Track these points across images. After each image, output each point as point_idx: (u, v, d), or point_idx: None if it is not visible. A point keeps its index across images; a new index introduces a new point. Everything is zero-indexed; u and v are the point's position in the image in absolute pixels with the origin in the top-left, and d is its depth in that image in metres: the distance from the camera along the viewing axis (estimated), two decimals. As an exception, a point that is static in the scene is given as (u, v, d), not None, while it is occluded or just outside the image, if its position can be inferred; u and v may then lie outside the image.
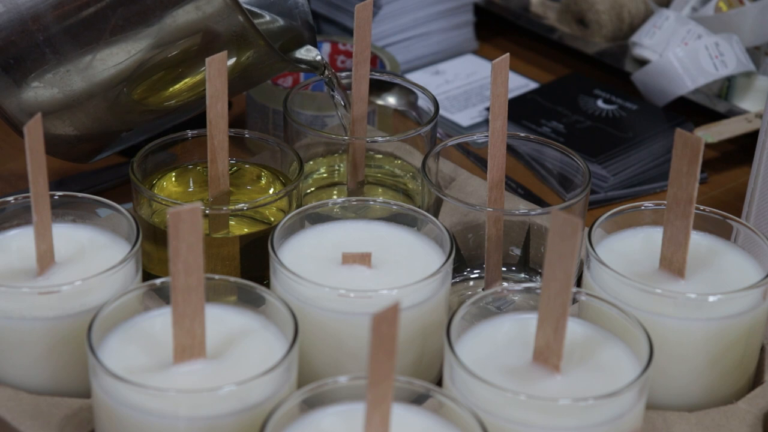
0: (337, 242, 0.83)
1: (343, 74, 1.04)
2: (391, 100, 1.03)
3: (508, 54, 0.86)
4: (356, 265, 0.81)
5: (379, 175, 0.98)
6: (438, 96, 1.19)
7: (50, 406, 0.77)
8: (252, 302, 0.77)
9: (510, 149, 0.90)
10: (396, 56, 1.24)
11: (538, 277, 0.91)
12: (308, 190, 0.97)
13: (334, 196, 0.97)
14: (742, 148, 1.14)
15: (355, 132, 0.96)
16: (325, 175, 0.98)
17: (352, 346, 0.79)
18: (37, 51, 0.88)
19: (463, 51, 1.32)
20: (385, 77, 1.03)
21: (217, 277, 0.76)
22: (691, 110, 1.20)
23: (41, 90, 0.89)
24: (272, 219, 0.90)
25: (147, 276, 0.86)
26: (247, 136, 0.96)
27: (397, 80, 1.03)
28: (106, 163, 1.12)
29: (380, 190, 0.97)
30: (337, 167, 0.98)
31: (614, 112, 1.18)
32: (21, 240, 0.83)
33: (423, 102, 1.01)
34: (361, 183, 0.95)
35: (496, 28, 1.37)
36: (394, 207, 0.85)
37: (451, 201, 0.88)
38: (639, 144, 1.13)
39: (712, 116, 1.17)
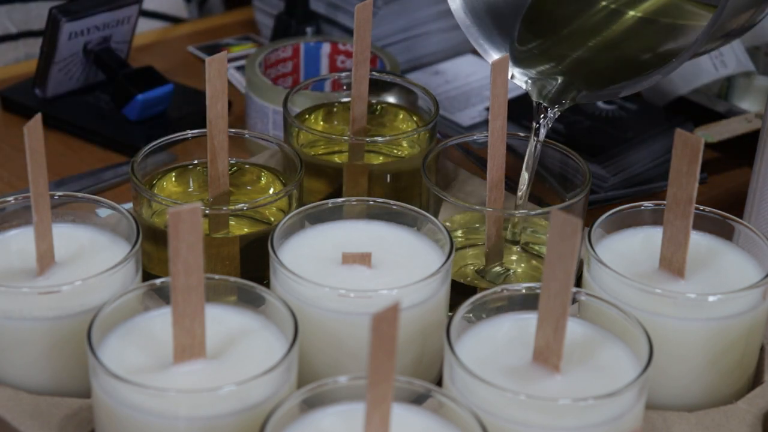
0: (337, 242, 0.83)
1: (343, 74, 1.04)
2: (391, 100, 1.03)
3: (507, 54, 0.86)
4: (356, 265, 0.81)
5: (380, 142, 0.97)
6: (438, 96, 1.19)
7: (50, 406, 0.77)
8: (252, 302, 0.77)
9: (510, 149, 0.90)
10: (396, 56, 1.24)
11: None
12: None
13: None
14: (742, 148, 1.14)
15: (355, 132, 0.96)
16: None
17: (352, 346, 0.79)
18: None
19: (463, 51, 1.32)
20: (385, 77, 1.03)
21: (217, 277, 0.76)
22: (691, 110, 1.20)
23: None
24: (272, 219, 0.90)
25: (147, 276, 0.86)
26: (247, 136, 0.96)
27: (397, 80, 1.03)
28: (106, 163, 1.12)
29: (381, 158, 0.97)
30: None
31: (614, 112, 1.18)
32: (21, 240, 0.83)
33: (423, 102, 1.01)
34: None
35: (496, 28, 1.36)
36: (394, 207, 0.85)
37: (451, 201, 0.88)
38: (639, 144, 1.13)
39: (712, 116, 1.17)
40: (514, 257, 0.90)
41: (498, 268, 0.89)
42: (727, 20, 0.80)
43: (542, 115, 0.90)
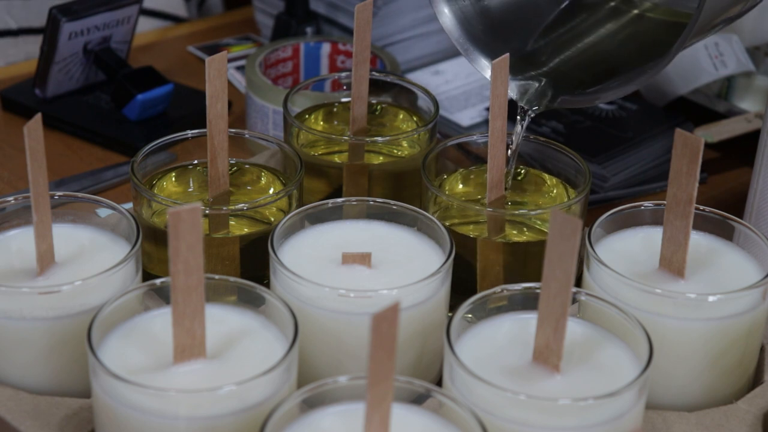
0: (337, 242, 0.83)
1: (343, 74, 1.04)
2: (391, 100, 1.03)
3: (507, 54, 0.86)
4: (356, 265, 0.81)
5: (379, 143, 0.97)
6: (438, 96, 1.19)
7: (50, 406, 0.77)
8: (252, 302, 0.77)
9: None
10: (396, 56, 1.24)
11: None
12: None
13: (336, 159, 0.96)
14: (742, 148, 1.14)
15: (355, 132, 0.96)
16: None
17: (352, 346, 0.79)
18: None
19: (463, 51, 1.32)
20: (385, 77, 1.03)
21: (217, 277, 0.76)
22: (691, 110, 1.20)
23: None
24: (272, 219, 0.90)
25: (147, 276, 0.86)
26: (247, 136, 0.96)
27: (397, 80, 1.03)
28: (106, 163, 1.12)
29: (381, 158, 0.97)
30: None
31: (614, 112, 1.18)
32: (21, 240, 0.83)
33: (423, 102, 1.01)
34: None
35: (496, 28, 1.36)
36: (394, 207, 0.86)
37: (451, 201, 0.88)
38: (639, 144, 1.13)
39: (712, 116, 1.17)
40: (515, 231, 0.90)
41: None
42: (706, 22, 0.80)
43: (522, 113, 0.91)
